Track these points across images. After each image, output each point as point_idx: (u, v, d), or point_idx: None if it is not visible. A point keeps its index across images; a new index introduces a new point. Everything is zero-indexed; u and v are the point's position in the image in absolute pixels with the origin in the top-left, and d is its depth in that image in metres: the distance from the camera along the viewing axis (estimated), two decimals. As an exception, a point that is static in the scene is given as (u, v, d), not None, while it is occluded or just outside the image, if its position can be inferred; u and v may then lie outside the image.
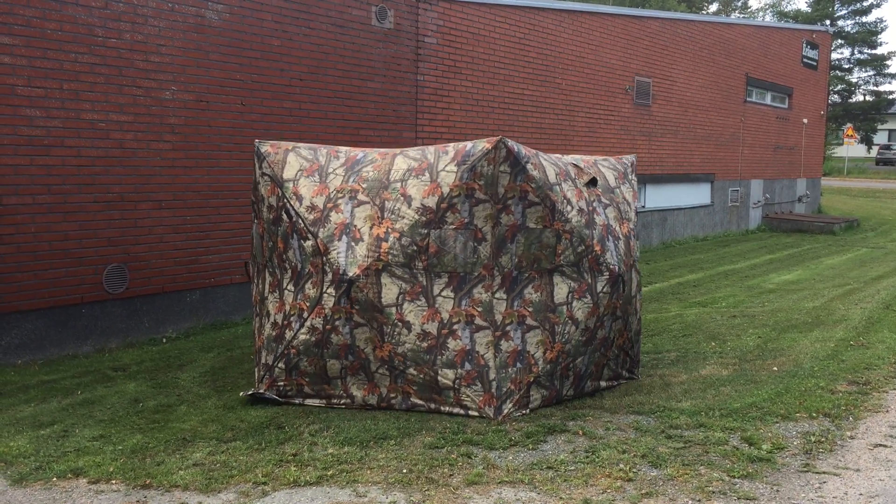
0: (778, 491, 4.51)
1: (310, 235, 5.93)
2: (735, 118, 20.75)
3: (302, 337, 5.94)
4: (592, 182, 6.44)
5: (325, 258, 5.84)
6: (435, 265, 5.72)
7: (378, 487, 4.59)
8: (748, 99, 21.42)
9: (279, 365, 6.10)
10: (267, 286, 6.33)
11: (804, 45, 24.40)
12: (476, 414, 5.75)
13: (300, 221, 5.97)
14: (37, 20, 7.39)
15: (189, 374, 7.14)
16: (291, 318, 6.02)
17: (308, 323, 5.90)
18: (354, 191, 5.95)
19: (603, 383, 6.59)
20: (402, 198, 5.78)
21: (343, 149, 6.32)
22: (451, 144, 5.95)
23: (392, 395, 5.96)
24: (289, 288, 6.09)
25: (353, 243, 5.83)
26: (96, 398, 6.40)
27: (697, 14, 32.50)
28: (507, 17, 13.07)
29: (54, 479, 4.77)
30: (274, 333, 6.13)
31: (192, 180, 8.78)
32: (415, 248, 5.72)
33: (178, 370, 7.30)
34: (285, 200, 6.06)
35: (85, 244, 7.90)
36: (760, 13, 57.23)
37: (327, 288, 5.82)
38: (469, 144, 5.77)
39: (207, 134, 8.87)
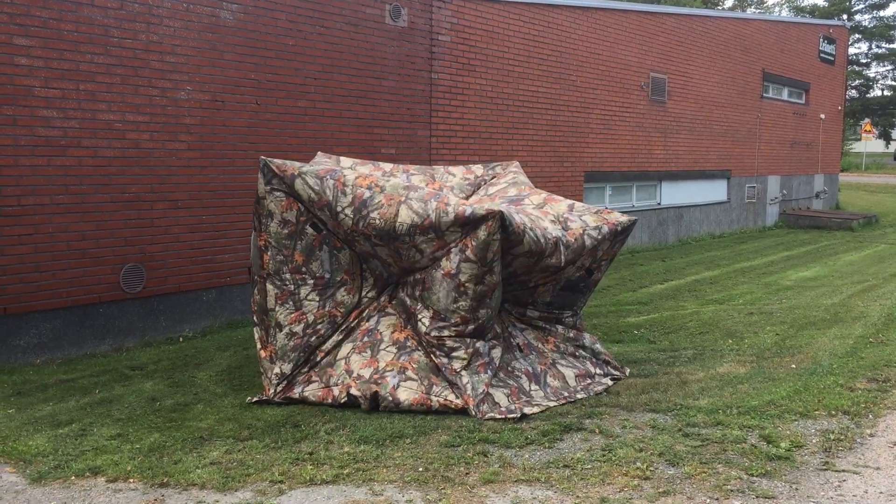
0: (797, 489, 4.47)
1: (345, 247, 6.45)
2: (751, 114, 20.62)
3: (334, 339, 6.39)
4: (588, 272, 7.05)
5: (363, 265, 6.52)
6: (425, 298, 6.22)
7: (394, 486, 4.59)
8: (765, 95, 21.28)
9: (302, 370, 6.36)
10: (272, 298, 6.41)
11: (821, 39, 24.20)
12: (461, 404, 5.84)
13: (331, 237, 6.39)
14: (53, 21, 7.43)
15: (205, 373, 7.17)
16: (319, 326, 6.37)
17: (344, 326, 6.44)
18: (367, 235, 6.25)
19: (571, 381, 6.57)
20: (413, 248, 6.15)
21: (349, 182, 6.29)
22: (451, 203, 6.04)
23: (388, 369, 6.10)
24: (310, 298, 6.39)
25: (386, 266, 6.49)
26: (114, 397, 6.43)
27: (713, 10, 32.32)
28: (521, 15, 13.03)
29: (73, 477, 4.80)
30: (292, 343, 6.33)
31: (208, 180, 8.81)
32: (419, 276, 6.28)
33: (194, 369, 7.33)
34: (311, 216, 6.33)
35: (102, 244, 7.95)
36: (776, 8, 56.83)
37: (368, 292, 6.56)
38: (468, 209, 5.94)
39: (223, 133, 8.90)
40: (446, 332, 6.10)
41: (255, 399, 6.28)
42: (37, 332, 7.55)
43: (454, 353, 6.08)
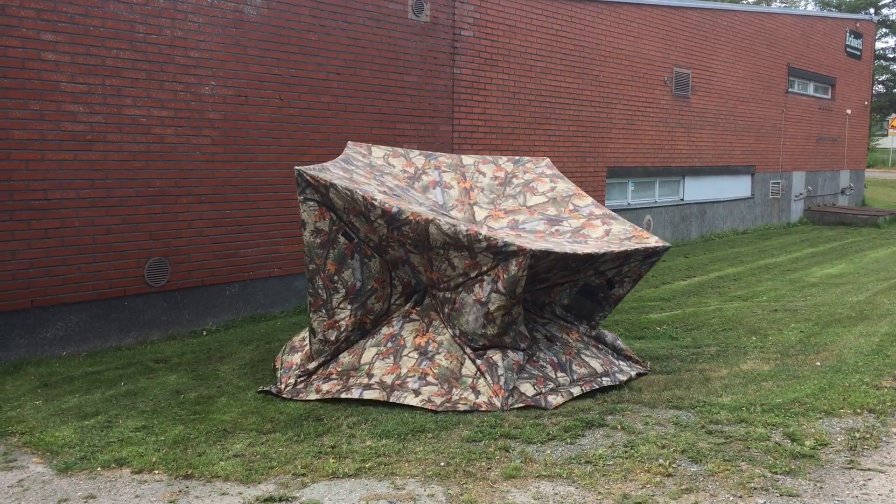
0: (821, 488, 4.44)
1: (376, 255, 6.52)
2: (776, 109, 20.42)
3: (361, 342, 6.56)
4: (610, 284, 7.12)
5: (393, 273, 6.63)
6: (453, 318, 6.28)
7: (416, 480, 4.60)
8: (790, 89, 21.07)
9: (327, 367, 6.51)
10: (308, 306, 6.57)
11: (847, 34, 23.91)
12: (485, 400, 5.87)
13: (362, 245, 6.44)
14: (80, 17, 7.51)
15: (229, 367, 7.22)
16: (350, 334, 6.52)
17: (374, 331, 6.58)
18: (402, 242, 6.34)
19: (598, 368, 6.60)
20: (446, 262, 6.22)
21: (377, 197, 6.26)
22: (483, 232, 6.01)
23: (410, 375, 6.16)
24: (342, 306, 6.47)
25: (415, 273, 6.59)
26: (139, 389, 6.50)
27: (738, 4, 32.01)
28: (544, 9, 12.99)
29: (98, 468, 4.86)
30: (326, 349, 6.50)
31: (232, 175, 8.87)
32: (450, 296, 6.31)
33: (218, 362, 7.39)
34: (343, 224, 6.39)
35: (127, 238, 8.02)
36: (802, 2, 56.16)
37: (396, 299, 6.71)
38: (501, 240, 5.91)
39: (246, 129, 8.95)
40: (477, 345, 6.25)
41: (264, 389, 6.40)
42: (63, 325, 7.64)
43: (489, 351, 6.23)
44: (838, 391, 6.06)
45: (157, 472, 4.79)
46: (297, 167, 6.38)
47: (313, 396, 6.20)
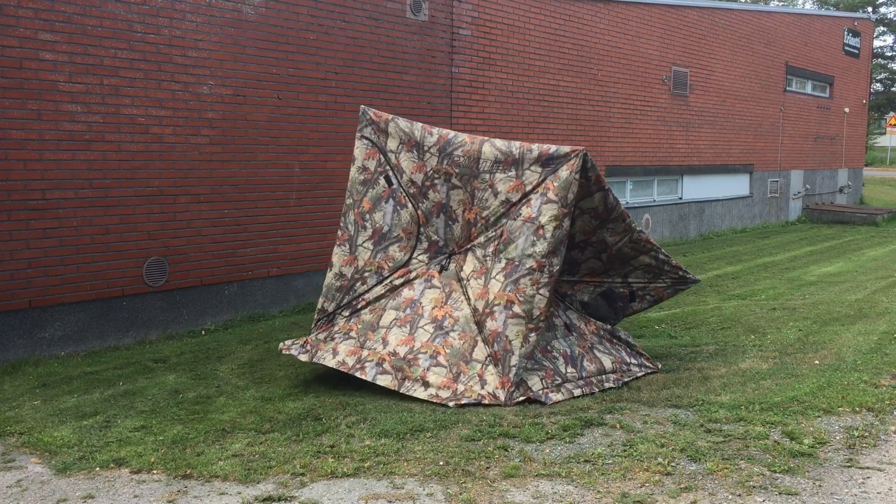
0: (820, 486, 4.44)
1: (410, 205, 6.69)
2: (774, 108, 20.43)
3: (377, 291, 6.69)
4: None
5: (422, 228, 6.71)
6: (501, 251, 6.25)
7: (415, 479, 4.60)
8: (788, 88, 21.07)
9: (343, 313, 6.72)
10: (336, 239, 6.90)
11: (846, 32, 23.93)
12: (490, 391, 5.90)
13: (401, 190, 6.64)
14: (77, 16, 7.50)
15: (227, 366, 7.22)
16: (366, 274, 6.73)
17: (388, 281, 6.69)
18: (449, 174, 6.52)
19: (608, 364, 6.60)
20: (489, 188, 6.33)
21: (435, 128, 6.73)
22: (536, 144, 6.32)
23: (422, 351, 6.22)
24: (365, 245, 6.72)
25: (450, 222, 6.67)
26: (137, 389, 6.49)
27: (736, 2, 32.06)
28: (543, 8, 12.98)
29: (97, 468, 4.85)
30: (338, 284, 6.73)
31: (230, 174, 8.86)
32: (493, 234, 6.36)
33: (216, 362, 7.38)
34: (388, 168, 6.70)
35: (125, 238, 8.02)
36: (801, 0, 56.17)
37: (419, 255, 6.72)
38: (553, 147, 6.20)
39: (244, 128, 8.94)
40: (522, 282, 6.03)
41: (290, 344, 6.68)
42: (62, 325, 7.64)
43: (515, 318, 5.98)
44: (837, 390, 6.06)
45: (155, 472, 4.79)
46: (362, 105, 6.95)
47: (330, 361, 6.37)
